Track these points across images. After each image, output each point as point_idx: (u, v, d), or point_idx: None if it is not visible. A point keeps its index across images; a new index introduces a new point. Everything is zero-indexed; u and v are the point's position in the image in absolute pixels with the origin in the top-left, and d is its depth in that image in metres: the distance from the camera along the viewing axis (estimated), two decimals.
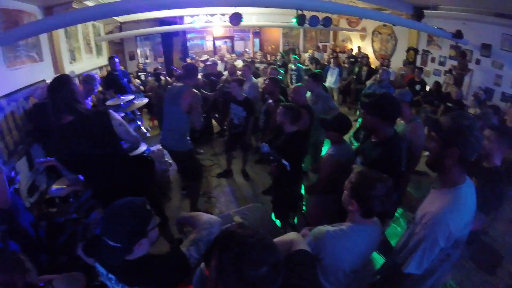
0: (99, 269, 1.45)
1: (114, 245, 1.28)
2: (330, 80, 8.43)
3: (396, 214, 3.89)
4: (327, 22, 5.70)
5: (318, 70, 6.57)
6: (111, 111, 2.30)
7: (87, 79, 3.90)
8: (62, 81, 2.15)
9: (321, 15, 5.64)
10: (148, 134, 5.31)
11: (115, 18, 7.70)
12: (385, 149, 2.10)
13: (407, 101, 3.33)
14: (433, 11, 6.88)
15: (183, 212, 1.75)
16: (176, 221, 1.72)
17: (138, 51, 10.44)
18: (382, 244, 1.77)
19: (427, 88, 6.82)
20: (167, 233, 3.03)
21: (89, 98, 4.16)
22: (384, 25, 9.23)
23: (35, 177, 3.70)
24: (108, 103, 4.54)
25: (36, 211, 3.41)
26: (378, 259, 2.91)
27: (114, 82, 5.55)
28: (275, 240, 1.41)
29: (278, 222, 3.50)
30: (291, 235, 1.46)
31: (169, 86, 3.78)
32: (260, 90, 5.28)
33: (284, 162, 2.87)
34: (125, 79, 6.06)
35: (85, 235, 2.96)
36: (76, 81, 3.92)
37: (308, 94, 4.27)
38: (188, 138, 3.54)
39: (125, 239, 1.30)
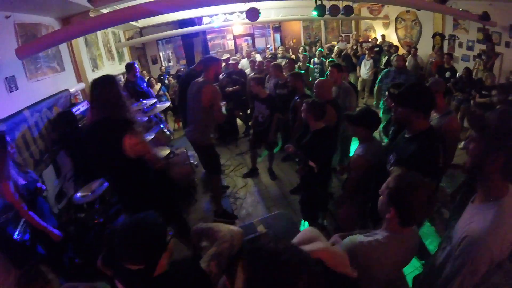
0: (117, 286, 1.38)
1: (137, 268, 1.21)
2: (363, 72, 8.00)
3: None
4: (348, 10, 5.44)
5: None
6: None
7: None
8: (107, 80, 2.26)
9: (341, 4, 5.40)
10: (172, 137, 5.31)
11: (134, 23, 7.78)
12: (420, 144, 1.89)
13: (441, 91, 3.04)
14: None
15: (201, 222, 1.63)
16: (192, 233, 1.62)
17: (161, 54, 10.60)
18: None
19: (457, 75, 6.40)
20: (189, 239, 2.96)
21: None
22: (407, 11, 8.85)
23: (62, 184, 3.77)
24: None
25: (64, 217, 3.47)
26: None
27: (133, 90, 5.46)
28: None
29: (306, 224, 3.37)
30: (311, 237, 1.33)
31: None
32: None
33: (311, 163, 2.73)
34: (144, 84, 6.01)
35: (111, 240, 2.96)
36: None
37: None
38: (211, 134, 3.64)
39: (148, 258, 1.22)
